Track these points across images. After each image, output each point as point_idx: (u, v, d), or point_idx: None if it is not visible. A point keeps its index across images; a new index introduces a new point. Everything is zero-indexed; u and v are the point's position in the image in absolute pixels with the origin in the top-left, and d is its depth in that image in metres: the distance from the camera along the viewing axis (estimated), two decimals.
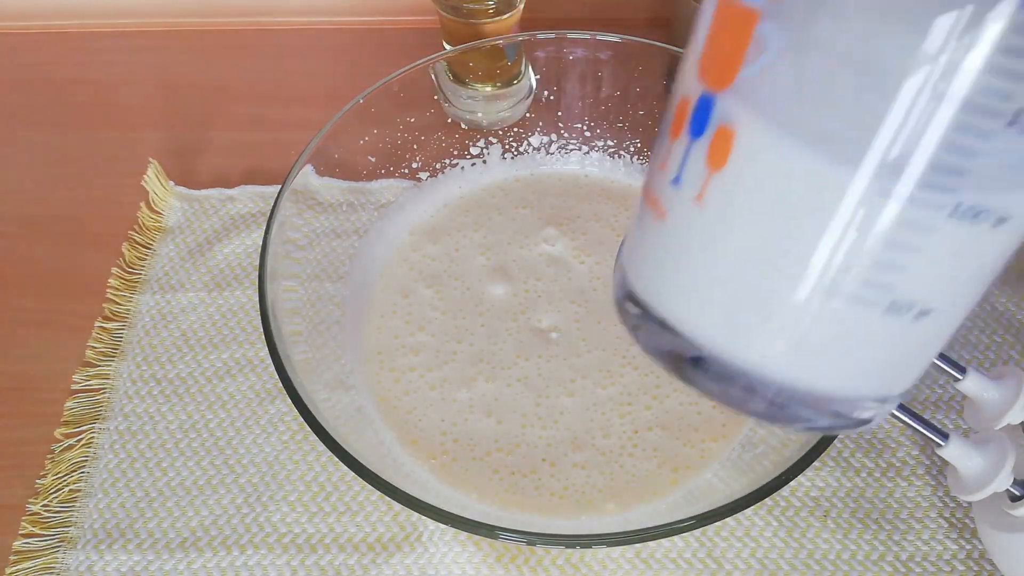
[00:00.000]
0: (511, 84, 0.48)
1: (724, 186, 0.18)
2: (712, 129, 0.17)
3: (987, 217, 0.16)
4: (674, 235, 0.19)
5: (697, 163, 0.18)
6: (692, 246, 0.19)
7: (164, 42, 0.61)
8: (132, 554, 0.37)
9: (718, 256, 0.18)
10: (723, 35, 0.17)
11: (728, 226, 0.18)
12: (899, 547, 0.37)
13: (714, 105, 0.17)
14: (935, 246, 0.17)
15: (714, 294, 0.19)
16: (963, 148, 0.15)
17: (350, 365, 0.39)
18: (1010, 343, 0.43)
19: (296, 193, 0.38)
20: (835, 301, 0.17)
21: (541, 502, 0.35)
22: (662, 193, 0.19)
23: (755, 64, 0.17)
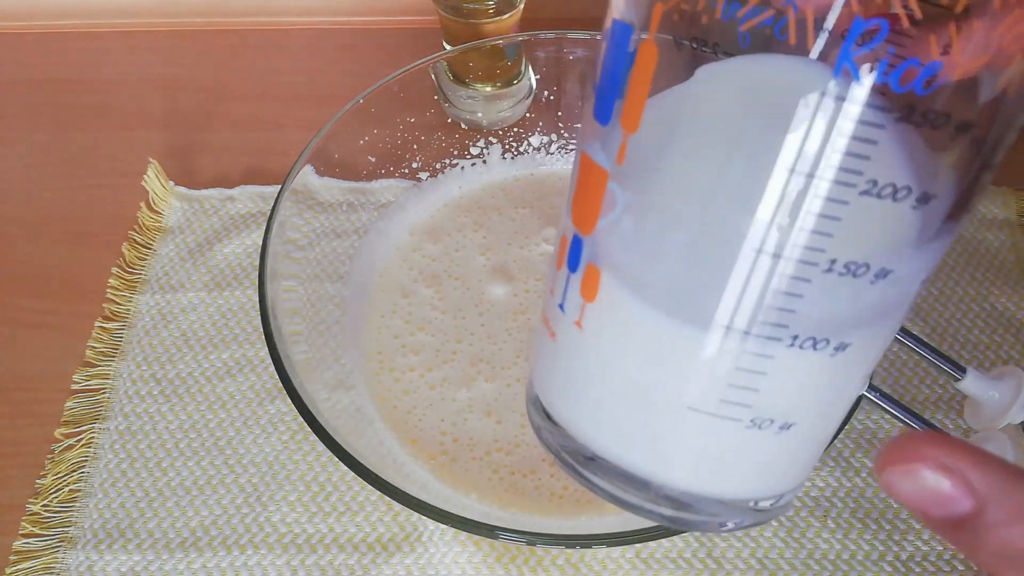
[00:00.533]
0: (511, 84, 0.48)
1: (596, 316, 0.20)
2: (583, 266, 0.20)
3: (825, 346, 0.18)
4: (561, 353, 0.21)
5: (575, 293, 0.20)
6: (575, 364, 0.21)
7: (164, 42, 0.61)
8: (132, 554, 0.37)
9: (596, 374, 0.20)
10: (585, 187, 0.19)
11: (602, 350, 0.20)
12: (899, 547, 0.37)
13: (583, 247, 0.20)
14: (780, 371, 0.18)
15: (597, 405, 0.21)
16: (787, 293, 0.17)
17: (350, 365, 0.39)
18: (1010, 343, 0.43)
19: (296, 193, 0.38)
20: (700, 416, 0.19)
21: (541, 502, 0.35)
22: (552, 315, 0.21)
23: (607, 217, 0.19)
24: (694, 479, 0.20)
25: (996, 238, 0.46)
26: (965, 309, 0.44)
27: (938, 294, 0.44)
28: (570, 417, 0.21)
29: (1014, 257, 0.46)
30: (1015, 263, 0.45)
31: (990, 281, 0.45)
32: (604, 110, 0.18)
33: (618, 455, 0.20)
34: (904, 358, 0.42)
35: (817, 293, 0.17)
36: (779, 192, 0.16)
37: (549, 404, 0.22)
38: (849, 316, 0.18)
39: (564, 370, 0.21)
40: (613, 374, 0.20)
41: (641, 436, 0.20)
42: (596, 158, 0.19)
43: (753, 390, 0.18)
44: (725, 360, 0.18)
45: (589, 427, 0.21)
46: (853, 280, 0.17)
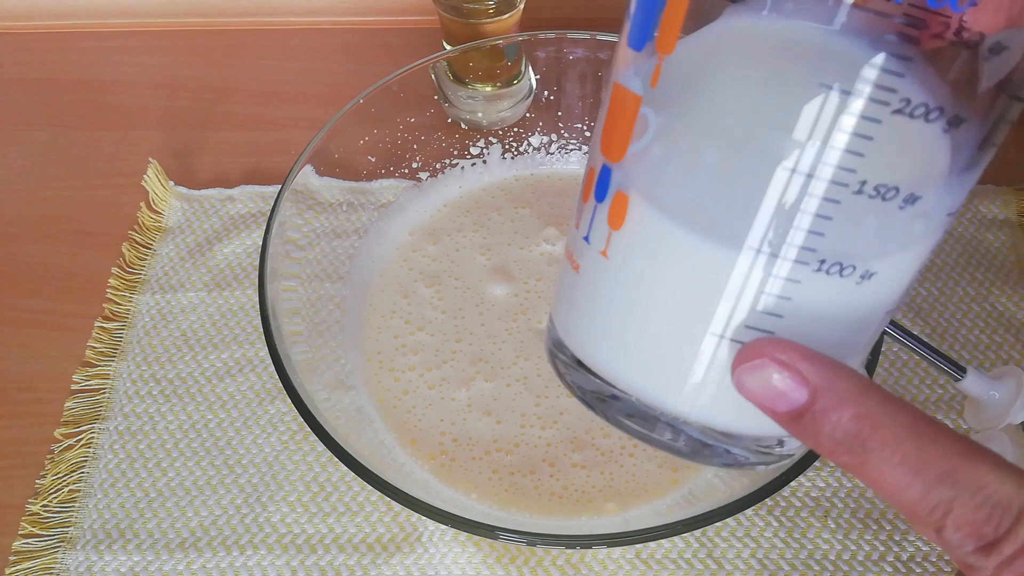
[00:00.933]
0: (511, 84, 0.48)
1: (623, 243, 0.20)
2: (611, 195, 0.20)
3: (851, 273, 0.18)
4: (586, 286, 0.21)
5: (601, 223, 0.20)
6: (600, 296, 0.21)
7: (164, 42, 0.61)
8: (132, 554, 0.37)
9: (622, 304, 0.20)
10: (617, 115, 0.20)
11: (628, 278, 0.20)
12: (899, 547, 0.37)
13: (612, 175, 0.20)
14: (805, 296, 0.18)
15: (622, 338, 0.21)
16: (817, 215, 0.17)
17: (350, 365, 0.39)
18: (1010, 343, 0.43)
19: (296, 193, 0.38)
20: (726, 343, 0.19)
21: (541, 502, 0.35)
22: (576, 249, 0.22)
23: (639, 142, 0.19)
24: (717, 412, 0.20)
25: (996, 238, 0.46)
26: (965, 309, 0.44)
27: (938, 294, 0.44)
28: (594, 352, 0.21)
29: (1014, 257, 0.46)
30: (1015, 263, 0.45)
31: (990, 281, 0.45)
32: (639, 35, 0.19)
33: (642, 388, 0.20)
34: (904, 358, 0.42)
35: (846, 216, 0.17)
36: (814, 110, 0.16)
37: (571, 341, 0.22)
38: (876, 243, 0.18)
39: (587, 302, 0.21)
40: (637, 300, 0.20)
41: (666, 365, 0.20)
42: (629, 84, 0.19)
43: (778, 316, 0.18)
44: (752, 284, 0.18)
45: (613, 361, 0.21)
46: (882, 204, 0.17)
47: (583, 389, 0.22)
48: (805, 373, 0.17)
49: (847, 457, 0.17)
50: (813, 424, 0.17)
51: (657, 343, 0.20)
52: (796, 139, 0.16)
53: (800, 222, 0.17)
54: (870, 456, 0.17)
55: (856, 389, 0.17)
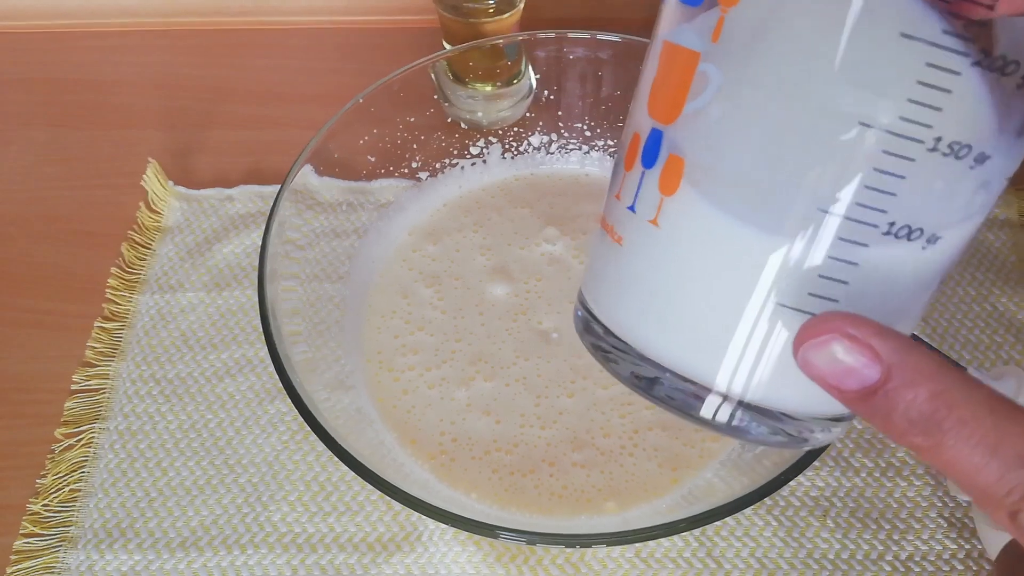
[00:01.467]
0: (511, 84, 0.48)
1: (676, 209, 0.19)
2: (663, 159, 0.19)
3: (919, 236, 0.17)
4: (631, 258, 0.20)
5: (651, 190, 0.19)
6: (648, 266, 0.20)
7: (164, 42, 0.61)
8: (132, 554, 0.37)
9: (674, 275, 0.19)
10: (669, 75, 0.19)
11: (681, 246, 0.19)
12: (899, 547, 0.37)
13: (663, 138, 0.19)
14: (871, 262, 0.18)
15: (673, 312, 0.20)
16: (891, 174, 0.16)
17: (350, 365, 0.39)
18: (1010, 343, 0.43)
19: (296, 193, 0.38)
20: (787, 313, 0.18)
21: (541, 501, 0.35)
22: (618, 220, 0.21)
23: (697, 100, 0.18)
24: (770, 389, 0.19)
25: (997, 238, 0.46)
26: (965, 309, 0.44)
27: (938, 294, 0.44)
28: (636, 328, 0.20)
29: (1015, 257, 0.46)
30: (1015, 263, 0.45)
31: (990, 281, 0.45)
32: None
33: (690, 364, 0.20)
34: None
35: (919, 175, 0.16)
36: (895, 62, 0.16)
37: (611, 319, 0.21)
38: (944, 206, 0.17)
39: (632, 275, 0.20)
40: (691, 269, 0.19)
41: (720, 338, 0.19)
42: (683, 41, 0.18)
43: (843, 282, 0.18)
44: (819, 248, 0.17)
45: (659, 336, 0.20)
46: (954, 163, 0.16)
47: (617, 367, 0.21)
48: (878, 349, 0.16)
49: (920, 438, 0.16)
50: (885, 403, 0.16)
51: (712, 314, 0.19)
52: (875, 93, 0.16)
53: (874, 181, 0.17)
54: (945, 436, 0.16)
55: (931, 366, 0.16)
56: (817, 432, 0.20)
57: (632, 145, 0.20)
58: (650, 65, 0.20)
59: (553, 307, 0.41)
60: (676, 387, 0.20)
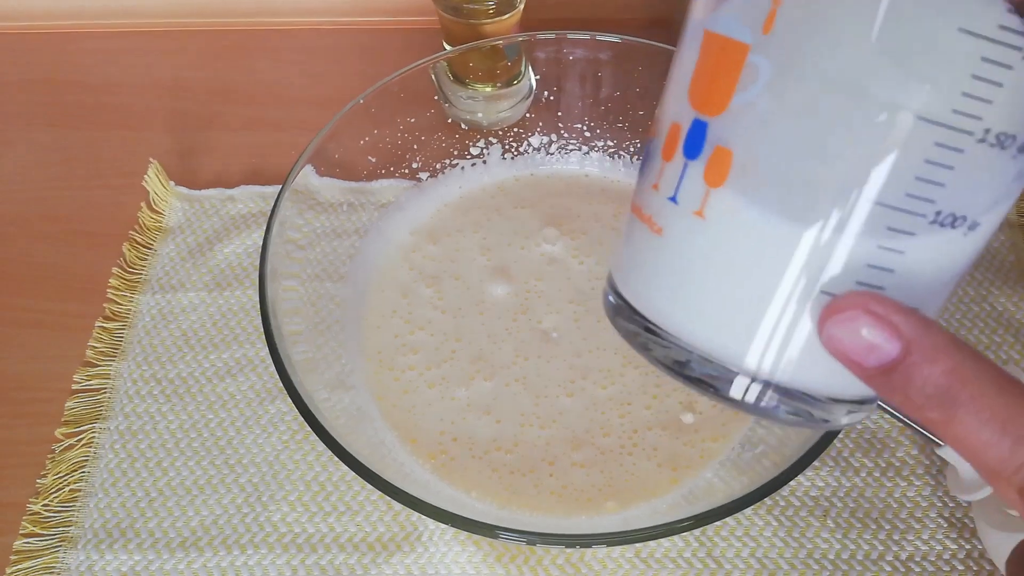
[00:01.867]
0: (511, 84, 0.48)
1: (724, 201, 0.19)
2: (708, 151, 0.19)
3: (962, 224, 0.18)
4: (674, 249, 0.20)
5: (695, 181, 0.19)
6: (693, 257, 0.20)
7: (165, 42, 0.61)
8: (132, 554, 0.37)
9: (718, 264, 0.19)
10: (714, 66, 0.19)
11: (729, 237, 0.19)
12: (899, 547, 0.37)
13: (708, 129, 0.19)
14: (917, 250, 0.18)
15: (711, 300, 0.20)
16: (940, 164, 0.17)
17: (350, 364, 0.39)
18: (1010, 343, 0.43)
19: (296, 193, 0.38)
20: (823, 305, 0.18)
21: (540, 501, 0.35)
22: (658, 211, 0.20)
23: (747, 92, 0.18)
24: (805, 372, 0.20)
25: (996, 238, 0.46)
26: (965, 309, 0.44)
27: None
28: (674, 315, 0.21)
29: (1014, 257, 0.46)
30: (1015, 263, 0.45)
31: (990, 281, 0.45)
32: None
33: (728, 350, 0.20)
34: None
35: (967, 165, 0.17)
36: (951, 56, 0.16)
37: (649, 307, 0.21)
38: (986, 194, 0.18)
39: (675, 266, 0.20)
40: (740, 260, 0.19)
41: (765, 326, 0.19)
42: (729, 32, 0.18)
43: (889, 271, 0.18)
44: (869, 238, 0.18)
45: (698, 322, 0.20)
46: (999, 153, 0.17)
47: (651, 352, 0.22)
48: (899, 326, 0.17)
49: (935, 412, 0.17)
50: (904, 378, 0.17)
51: (756, 303, 0.19)
52: (931, 87, 0.16)
53: (924, 172, 0.17)
54: (958, 411, 0.16)
55: (948, 344, 0.17)
56: (842, 415, 0.21)
57: (672, 135, 0.20)
58: (687, 53, 0.20)
59: (553, 307, 0.41)
60: (707, 370, 0.20)
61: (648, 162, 0.21)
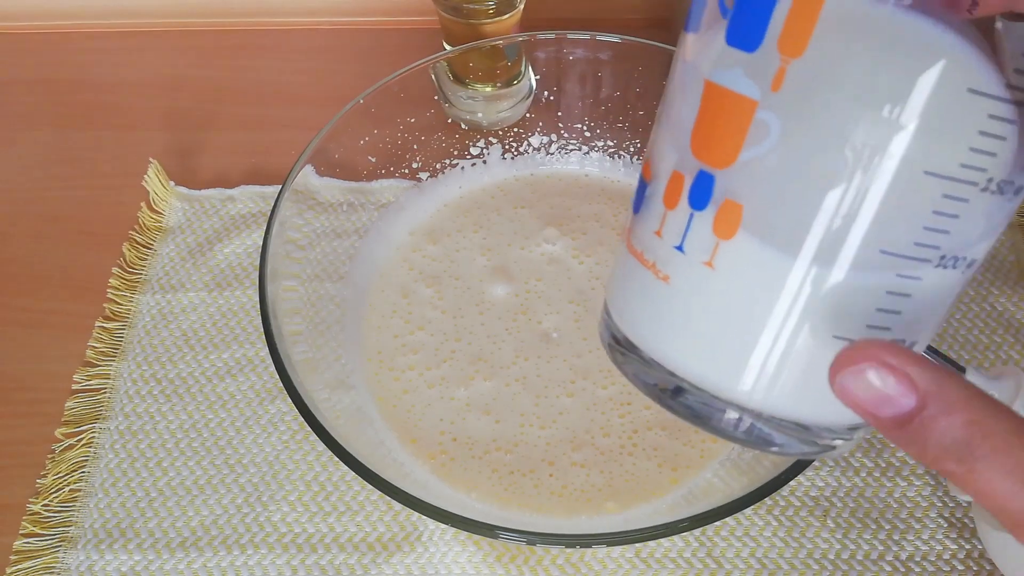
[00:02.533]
0: (511, 84, 0.48)
1: (735, 254, 0.19)
2: (717, 203, 0.19)
3: (962, 263, 0.19)
4: (681, 297, 0.20)
5: (703, 232, 0.19)
6: (701, 305, 0.20)
7: (164, 42, 0.61)
8: (132, 554, 0.37)
9: (730, 313, 0.20)
10: (719, 119, 0.18)
11: (740, 288, 0.19)
12: (899, 547, 0.37)
13: (715, 182, 0.19)
14: (923, 291, 0.19)
15: (720, 344, 0.20)
16: (947, 214, 0.17)
17: (350, 365, 0.39)
18: (1010, 343, 0.43)
19: (296, 193, 0.38)
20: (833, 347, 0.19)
21: (540, 501, 0.35)
22: (663, 260, 0.20)
23: (756, 148, 0.18)
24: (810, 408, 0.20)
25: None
26: (965, 309, 0.44)
27: None
28: (695, 365, 0.21)
29: (1014, 257, 0.46)
30: (1015, 263, 0.45)
31: (990, 281, 0.45)
32: (749, 33, 0.18)
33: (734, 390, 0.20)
34: None
35: (970, 213, 0.17)
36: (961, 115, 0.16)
37: (653, 346, 0.21)
38: (984, 234, 0.18)
39: (683, 313, 0.20)
40: (750, 310, 0.19)
41: (777, 370, 0.19)
42: (736, 87, 0.18)
43: (896, 313, 0.19)
44: (879, 286, 0.18)
45: (708, 368, 0.20)
46: (999, 198, 0.18)
47: (646, 382, 0.22)
48: (914, 378, 0.17)
49: (954, 465, 0.17)
50: (921, 431, 0.17)
51: (767, 347, 0.19)
52: (941, 145, 0.17)
53: (932, 222, 0.17)
54: (977, 463, 0.16)
55: (965, 395, 0.17)
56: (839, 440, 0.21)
57: (674, 183, 0.20)
58: (684, 99, 0.20)
59: (553, 307, 0.41)
60: (699, 402, 0.21)
61: (647, 206, 0.21)
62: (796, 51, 0.17)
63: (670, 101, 0.21)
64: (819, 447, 0.21)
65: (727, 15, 0.18)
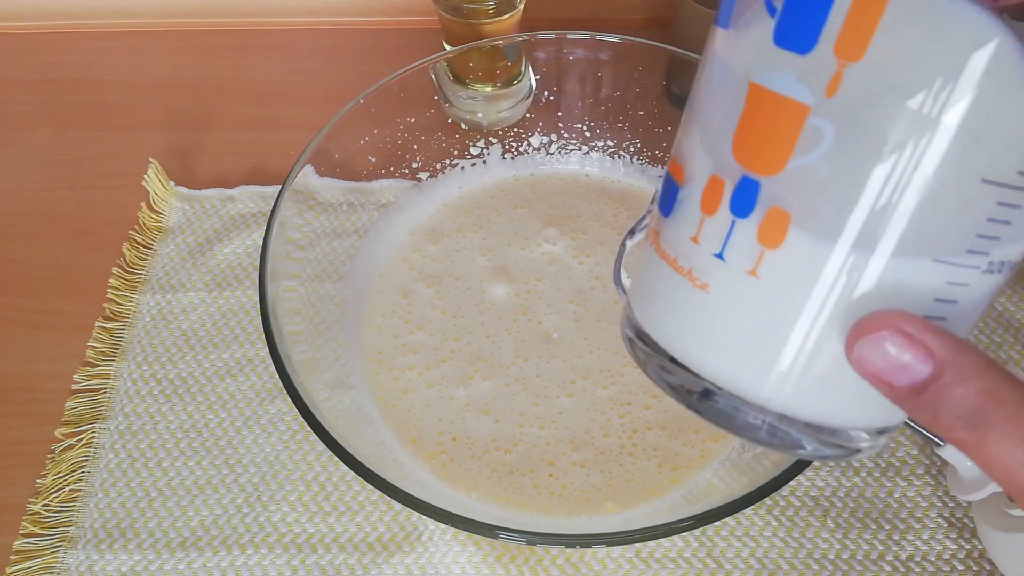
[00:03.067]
0: (511, 84, 0.48)
1: (782, 262, 0.18)
2: (762, 211, 0.18)
3: (1006, 267, 0.19)
4: (719, 304, 0.20)
5: (746, 240, 0.19)
6: (743, 314, 0.19)
7: (164, 42, 0.61)
8: (132, 554, 0.37)
9: (771, 320, 0.19)
10: (767, 125, 0.18)
11: (786, 296, 0.19)
12: (899, 547, 0.37)
13: (761, 189, 0.18)
14: (969, 297, 0.18)
15: (758, 350, 0.20)
16: (1000, 221, 0.17)
17: (350, 364, 0.39)
18: (1010, 343, 0.43)
19: (296, 193, 0.38)
20: None
21: (540, 501, 0.35)
22: (701, 267, 0.20)
23: (807, 156, 0.17)
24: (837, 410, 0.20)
25: None
26: None
27: None
28: (729, 370, 0.20)
29: None
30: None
31: None
32: (802, 35, 0.17)
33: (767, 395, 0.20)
34: None
35: (1019, 218, 0.17)
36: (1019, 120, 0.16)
37: (693, 360, 0.21)
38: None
39: (725, 323, 0.20)
40: (797, 317, 0.19)
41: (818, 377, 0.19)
42: (789, 92, 0.17)
43: (942, 319, 0.18)
44: (928, 292, 0.18)
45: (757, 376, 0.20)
46: None
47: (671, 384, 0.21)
48: (931, 346, 0.17)
49: (965, 433, 0.17)
50: (935, 398, 0.17)
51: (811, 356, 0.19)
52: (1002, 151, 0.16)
53: (985, 230, 0.17)
54: (990, 432, 0.16)
55: (980, 364, 0.17)
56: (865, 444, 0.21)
57: (713, 189, 0.19)
58: (724, 100, 0.19)
59: (553, 307, 0.41)
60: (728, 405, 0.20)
61: (680, 210, 0.20)
62: (855, 54, 0.16)
63: (704, 101, 0.20)
64: (845, 450, 0.21)
65: (775, 14, 0.17)
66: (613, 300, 0.41)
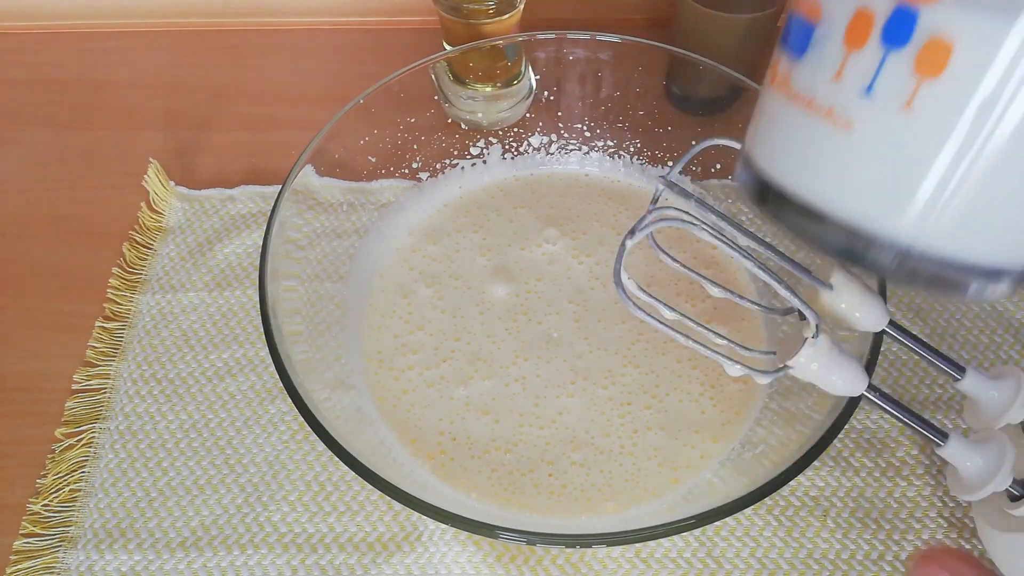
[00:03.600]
0: (511, 84, 0.48)
1: (942, 91, 0.17)
2: (921, 39, 0.17)
3: None
4: (866, 142, 0.19)
5: (900, 73, 0.18)
6: (893, 149, 0.19)
7: (164, 42, 0.61)
8: (132, 554, 0.37)
9: (924, 154, 0.18)
10: None
11: (943, 126, 0.18)
12: (899, 547, 0.37)
13: (919, 18, 0.17)
14: None
15: (910, 187, 0.19)
16: None
17: (350, 364, 0.39)
18: (1010, 343, 0.43)
19: (296, 193, 0.38)
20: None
21: (540, 501, 0.35)
22: (842, 104, 0.19)
23: None
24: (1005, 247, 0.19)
25: None
26: (965, 309, 0.44)
27: None
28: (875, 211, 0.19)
29: None
30: None
31: None
32: None
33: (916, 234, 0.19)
34: (904, 358, 0.42)
35: None
36: None
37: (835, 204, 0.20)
38: None
39: (874, 161, 0.19)
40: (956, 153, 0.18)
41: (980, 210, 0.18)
42: None
43: None
44: None
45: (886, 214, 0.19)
46: None
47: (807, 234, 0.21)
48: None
49: None
50: None
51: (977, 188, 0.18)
52: None
53: None
54: None
55: None
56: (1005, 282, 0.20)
57: (859, 23, 0.18)
58: None
59: (553, 307, 0.41)
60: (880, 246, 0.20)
61: (816, 49, 0.20)
62: None
63: None
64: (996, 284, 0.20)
65: None
66: (613, 300, 0.41)
